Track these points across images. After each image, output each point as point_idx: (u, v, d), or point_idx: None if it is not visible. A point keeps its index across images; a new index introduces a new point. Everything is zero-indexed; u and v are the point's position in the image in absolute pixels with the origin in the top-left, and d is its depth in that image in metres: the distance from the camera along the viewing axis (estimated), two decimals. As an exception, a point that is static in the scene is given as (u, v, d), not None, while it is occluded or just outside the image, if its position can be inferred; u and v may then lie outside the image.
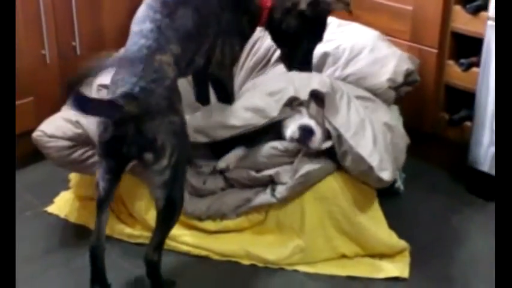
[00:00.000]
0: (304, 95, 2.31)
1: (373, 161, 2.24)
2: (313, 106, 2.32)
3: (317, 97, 2.32)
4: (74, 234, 2.44)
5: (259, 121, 2.30)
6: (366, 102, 2.49)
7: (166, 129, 1.99)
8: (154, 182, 2.06)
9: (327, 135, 2.32)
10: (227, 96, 2.43)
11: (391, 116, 2.50)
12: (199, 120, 2.33)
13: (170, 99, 2.03)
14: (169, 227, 2.13)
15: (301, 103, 2.32)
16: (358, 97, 2.49)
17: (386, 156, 2.30)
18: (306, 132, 2.28)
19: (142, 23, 2.15)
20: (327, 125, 2.29)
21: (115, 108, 1.92)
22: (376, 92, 2.56)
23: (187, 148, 2.12)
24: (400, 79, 2.57)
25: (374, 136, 2.31)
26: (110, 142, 2.01)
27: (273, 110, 2.30)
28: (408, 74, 2.60)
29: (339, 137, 2.27)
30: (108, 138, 2.01)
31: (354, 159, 2.26)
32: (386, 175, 2.26)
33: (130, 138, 1.98)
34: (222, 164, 2.36)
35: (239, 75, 2.80)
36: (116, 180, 2.13)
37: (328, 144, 2.30)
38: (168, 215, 2.10)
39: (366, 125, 2.32)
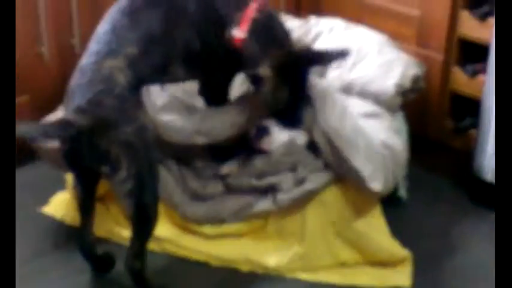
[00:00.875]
0: None
1: (366, 171, 2.21)
2: None
3: None
4: (68, 236, 2.38)
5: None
6: (369, 121, 2.43)
7: (119, 142, 1.94)
8: (119, 192, 2.02)
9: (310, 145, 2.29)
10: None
11: (389, 134, 2.42)
12: (198, 123, 2.28)
13: (121, 108, 1.97)
14: (146, 235, 2.07)
15: None
16: (363, 114, 2.45)
17: (380, 165, 2.25)
18: (259, 131, 2.27)
19: (102, 25, 2.10)
20: (316, 131, 2.25)
21: (67, 127, 1.92)
22: (380, 99, 2.50)
23: (150, 154, 2.02)
24: (407, 84, 2.53)
25: (368, 145, 2.26)
26: (68, 155, 2.00)
27: None
28: (415, 80, 2.56)
29: (330, 141, 2.23)
30: (66, 151, 2.00)
31: (346, 170, 2.23)
32: (378, 185, 2.22)
33: (85, 151, 1.95)
34: (225, 169, 2.32)
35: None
36: (88, 188, 2.13)
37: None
38: (142, 223, 2.05)
39: (359, 134, 2.28)
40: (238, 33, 2.14)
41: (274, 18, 2.21)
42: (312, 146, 2.30)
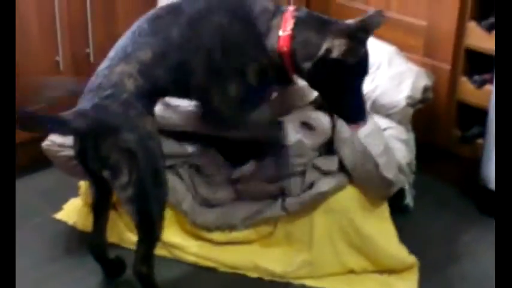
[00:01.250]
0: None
1: (381, 160, 2.26)
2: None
3: None
4: (80, 242, 2.42)
5: None
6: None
7: (119, 148, 1.95)
8: (120, 198, 2.04)
9: (327, 149, 2.32)
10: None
11: (392, 142, 2.47)
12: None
13: (126, 114, 1.97)
14: (151, 240, 2.08)
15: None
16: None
17: (393, 163, 2.31)
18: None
19: (125, 33, 2.13)
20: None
21: (61, 124, 1.92)
22: (392, 111, 2.53)
23: (154, 163, 2.01)
24: (418, 96, 2.55)
25: (386, 144, 2.32)
26: (78, 156, 2.05)
27: None
28: (425, 90, 2.58)
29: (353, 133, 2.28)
30: (76, 152, 2.04)
31: (362, 157, 2.26)
32: (390, 174, 2.27)
33: (90, 154, 1.99)
34: (236, 174, 2.35)
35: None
36: (102, 192, 2.15)
37: (333, 164, 2.31)
38: (146, 229, 2.06)
39: (381, 134, 2.34)
40: (283, 32, 2.11)
41: (313, 12, 2.20)
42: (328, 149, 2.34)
